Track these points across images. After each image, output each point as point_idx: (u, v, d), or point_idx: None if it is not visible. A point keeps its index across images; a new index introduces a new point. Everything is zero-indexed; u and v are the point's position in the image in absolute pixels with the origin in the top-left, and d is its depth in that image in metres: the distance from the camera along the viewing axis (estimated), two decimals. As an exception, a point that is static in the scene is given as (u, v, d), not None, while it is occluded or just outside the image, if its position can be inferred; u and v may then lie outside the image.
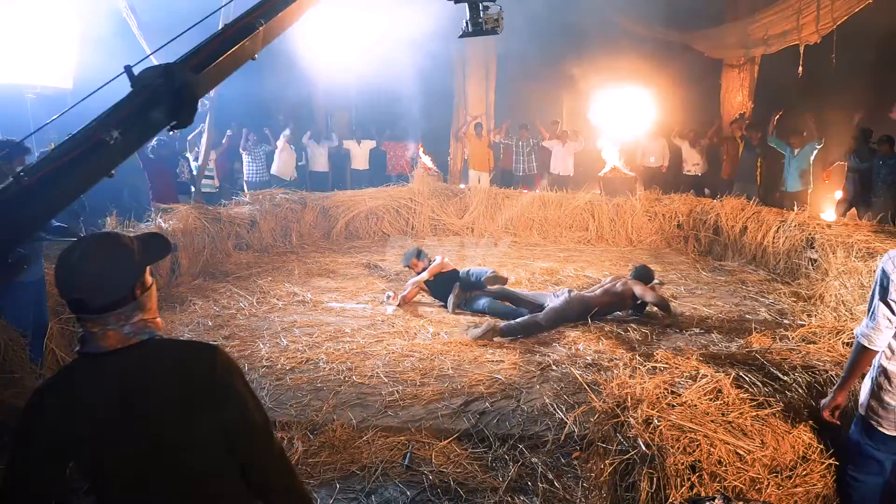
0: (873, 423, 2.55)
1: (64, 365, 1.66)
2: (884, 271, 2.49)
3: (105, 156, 2.27)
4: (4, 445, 3.53)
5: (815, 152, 9.78)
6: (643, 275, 6.43)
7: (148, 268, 1.67)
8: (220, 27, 2.97)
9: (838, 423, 2.74)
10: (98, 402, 1.54)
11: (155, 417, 1.56)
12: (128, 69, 2.52)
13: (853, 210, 9.25)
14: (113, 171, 2.37)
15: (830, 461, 2.74)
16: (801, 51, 10.38)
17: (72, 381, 1.58)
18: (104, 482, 1.59)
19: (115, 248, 1.60)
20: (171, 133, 2.96)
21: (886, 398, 2.53)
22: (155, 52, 2.72)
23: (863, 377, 2.69)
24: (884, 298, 2.47)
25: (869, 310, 2.55)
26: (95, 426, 1.54)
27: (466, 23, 5.13)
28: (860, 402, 2.65)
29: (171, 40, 3.03)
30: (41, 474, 1.54)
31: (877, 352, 2.55)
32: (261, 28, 2.99)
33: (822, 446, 2.79)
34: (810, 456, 2.76)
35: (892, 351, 2.53)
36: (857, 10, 9.60)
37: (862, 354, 2.57)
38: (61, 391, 1.56)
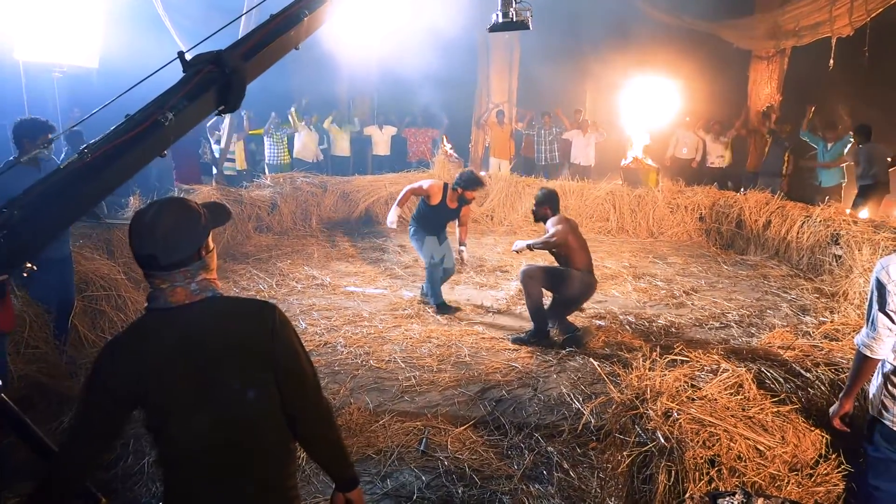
0: (889, 424, 2.49)
1: (135, 319, 1.81)
2: (878, 281, 2.44)
3: (160, 136, 2.34)
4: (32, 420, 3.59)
5: (849, 146, 9.57)
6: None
7: (211, 232, 1.79)
8: (242, 15, 3.02)
9: (848, 429, 2.70)
10: (167, 352, 1.67)
11: (219, 365, 1.69)
12: (181, 55, 2.60)
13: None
14: (165, 151, 2.46)
15: (848, 466, 2.70)
16: (833, 43, 10.14)
17: (143, 333, 1.71)
18: (167, 430, 1.70)
19: (185, 210, 1.73)
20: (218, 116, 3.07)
21: None
22: (194, 46, 2.74)
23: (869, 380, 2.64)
24: (882, 309, 2.42)
25: (867, 319, 2.50)
26: (164, 374, 1.66)
27: (496, 15, 5.11)
28: (872, 405, 2.58)
29: (204, 40, 3.06)
30: (108, 419, 1.68)
31: (879, 360, 2.50)
32: (305, 18, 3.05)
33: (840, 450, 2.75)
34: (832, 455, 2.72)
35: None
36: (893, 1, 9.36)
37: (865, 363, 2.52)
38: (133, 342, 1.70)
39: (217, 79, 2.55)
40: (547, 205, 5.54)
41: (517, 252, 5.38)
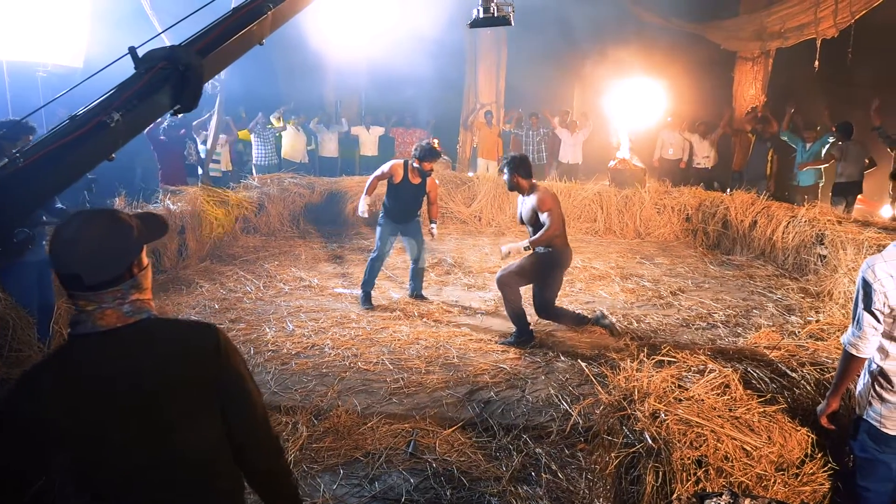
0: (875, 424, 2.51)
1: (56, 347, 1.61)
2: (865, 280, 2.45)
3: (105, 138, 2.21)
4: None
5: (828, 147, 9.65)
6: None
7: (145, 247, 1.61)
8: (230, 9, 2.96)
9: (834, 427, 2.72)
10: (97, 382, 1.47)
11: (158, 396, 1.51)
12: (132, 50, 2.47)
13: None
14: (113, 155, 2.30)
15: (835, 465, 2.72)
16: (818, 45, 10.23)
17: (66, 362, 1.50)
18: (97, 471, 1.51)
19: (114, 223, 1.53)
20: (178, 117, 2.91)
21: (888, 396, 2.48)
22: (164, 31, 2.68)
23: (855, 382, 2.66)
24: (868, 308, 2.44)
25: (853, 319, 2.51)
26: (93, 408, 1.46)
27: (477, 10, 5.10)
28: (859, 405, 2.60)
29: (180, 21, 3.01)
30: (24, 463, 1.45)
31: (865, 359, 2.52)
32: (269, 12, 2.98)
33: (827, 448, 2.77)
34: (818, 454, 2.74)
35: (885, 352, 2.49)
36: (875, 4, 9.46)
37: (851, 362, 2.53)
38: (55, 372, 1.48)
39: (171, 76, 2.42)
40: (518, 172, 5.32)
41: (506, 255, 5.28)
